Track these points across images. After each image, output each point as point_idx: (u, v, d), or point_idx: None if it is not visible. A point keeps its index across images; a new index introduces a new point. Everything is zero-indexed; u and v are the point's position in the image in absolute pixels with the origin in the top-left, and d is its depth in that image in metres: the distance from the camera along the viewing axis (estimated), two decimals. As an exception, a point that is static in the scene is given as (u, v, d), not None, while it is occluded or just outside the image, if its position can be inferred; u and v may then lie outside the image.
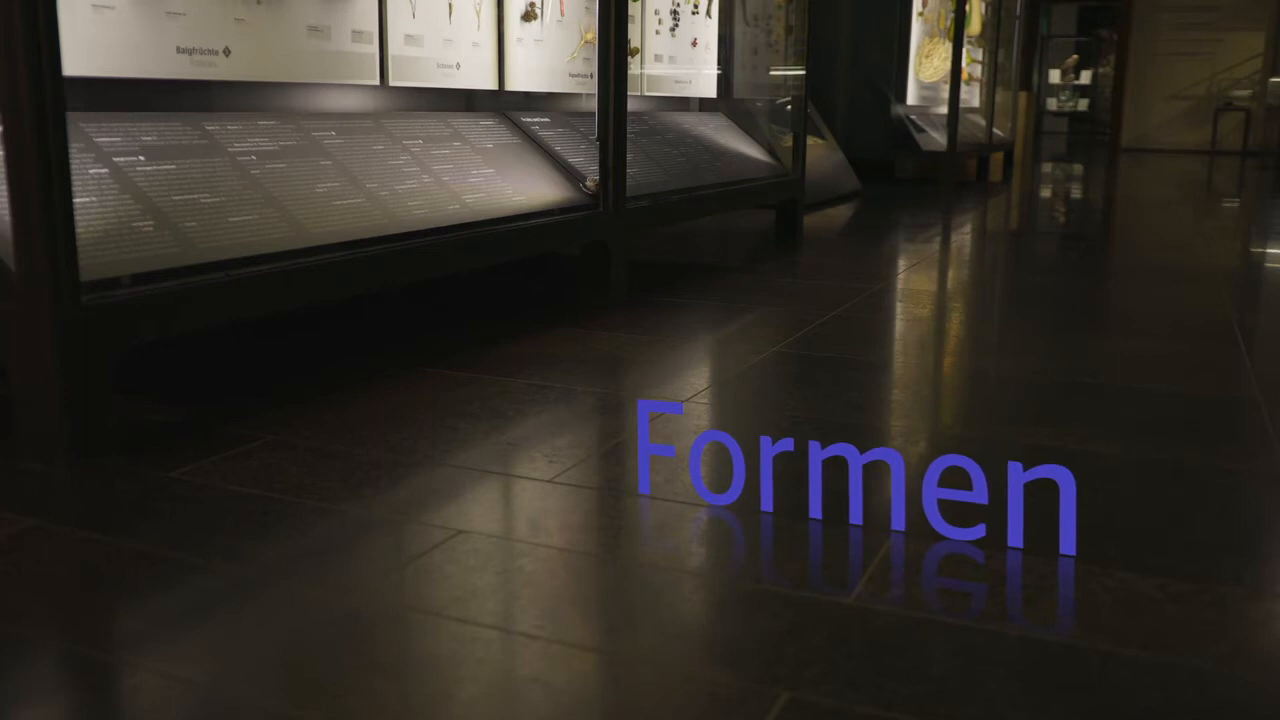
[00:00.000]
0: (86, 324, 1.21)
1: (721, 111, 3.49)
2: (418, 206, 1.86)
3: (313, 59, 1.87)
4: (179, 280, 1.38)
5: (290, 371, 1.67)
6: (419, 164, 1.98)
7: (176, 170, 1.54)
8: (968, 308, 2.35)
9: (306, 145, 1.80)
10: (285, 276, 1.51)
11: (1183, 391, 1.64)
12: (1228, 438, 1.41)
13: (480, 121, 2.30)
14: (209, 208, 1.52)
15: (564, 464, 1.27)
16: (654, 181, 2.64)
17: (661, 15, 3.05)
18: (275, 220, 1.59)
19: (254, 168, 1.66)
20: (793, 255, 3.11)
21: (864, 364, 1.78)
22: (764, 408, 1.53)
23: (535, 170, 2.27)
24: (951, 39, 5.80)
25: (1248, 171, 9.03)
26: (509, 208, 2.07)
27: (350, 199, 1.75)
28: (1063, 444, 1.37)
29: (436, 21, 2.16)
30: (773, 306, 2.33)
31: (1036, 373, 1.74)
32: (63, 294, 1.19)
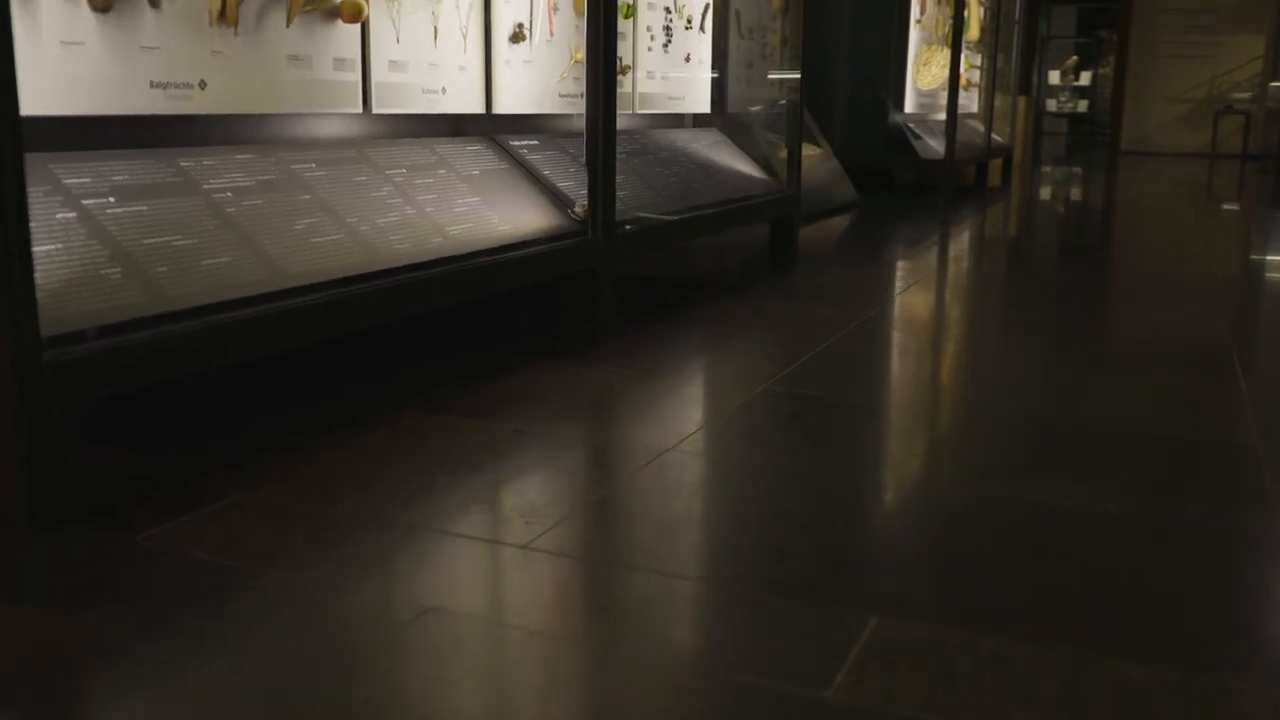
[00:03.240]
0: (48, 381, 1.17)
1: (716, 126, 3.45)
2: (399, 241, 1.82)
3: (293, 89, 1.83)
4: (147, 331, 1.34)
5: (263, 413, 1.63)
6: (402, 195, 1.94)
7: (148, 211, 1.50)
8: (962, 338, 2.31)
9: (285, 179, 1.76)
10: (258, 323, 1.47)
11: (1182, 437, 1.60)
12: (1224, 491, 1.37)
13: (467, 147, 2.25)
14: (181, 251, 1.48)
15: (542, 525, 1.23)
16: (645, 204, 2.60)
17: (654, 31, 3.00)
18: (250, 262, 1.55)
19: (230, 205, 1.62)
20: (787, 274, 3.07)
21: (855, 406, 1.74)
22: (749, 462, 1.49)
23: (522, 197, 2.23)
24: (950, 45, 5.76)
25: (1248, 175, 8.99)
26: (494, 238, 2.03)
27: (329, 235, 1.71)
28: (1057, 501, 1.33)
29: (421, 46, 2.11)
30: (764, 336, 2.30)
31: (1032, 417, 1.70)
32: (22, 351, 1.15)
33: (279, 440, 1.51)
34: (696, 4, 3.23)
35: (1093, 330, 2.40)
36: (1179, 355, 2.15)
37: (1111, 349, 2.21)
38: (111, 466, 1.42)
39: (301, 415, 1.61)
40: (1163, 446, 1.56)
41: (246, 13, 1.72)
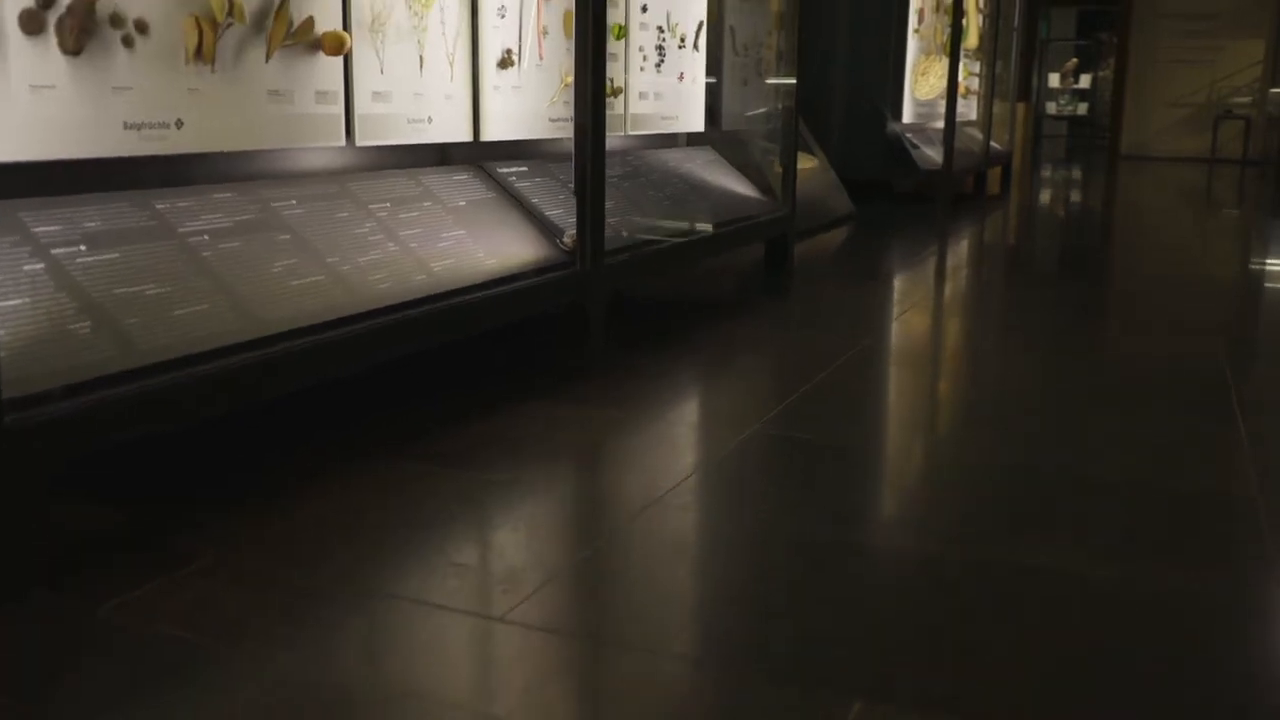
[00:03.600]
0: (10, 446, 1.13)
1: (710, 144, 3.41)
2: (381, 280, 1.78)
3: (273, 124, 1.80)
4: (117, 388, 1.30)
5: (236, 465, 1.60)
6: (385, 230, 1.90)
7: (120, 259, 1.46)
8: (957, 370, 2.28)
9: (264, 218, 1.72)
10: (232, 375, 1.43)
11: (1179, 488, 1.56)
12: (1221, 555, 1.34)
13: (453, 176, 2.22)
14: (154, 301, 1.44)
15: (521, 592, 1.20)
16: (638, 229, 2.56)
17: (646, 51, 2.96)
18: (225, 309, 1.51)
19: (206, 249, 1.58)
20: (781, 296, 3.04)
21: (846, 451, 1.70)
22: (736, 518, 1.45)
23: (510, 227, 2.19)
24: (948, 54, 5.72)
25: (1248, 181, 8.96)
26: (480, 273, 1.99)
27: (309, 277, 1.67)
28: (1050, 564, 1.29)
29: (406, 76, 2.08)
30: (755, 369, 2.26)
31: (1028, 464, 1.66)
32: (-17, 417, 1.11)
33: (252, 494, 1.47)
34: (690, 22, 3.19)
35: (1090, 359, 2.37)
36: (1178, 386, 2.11)
37: (1109, 381, 2.17)
38: (77, 522, 1.39)
39: (276, 466, 1.58)
40: (1160, 499, 1.52)
41: (224, 49, 1.69)
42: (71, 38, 1.46)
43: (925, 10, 5.90)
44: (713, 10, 3.31)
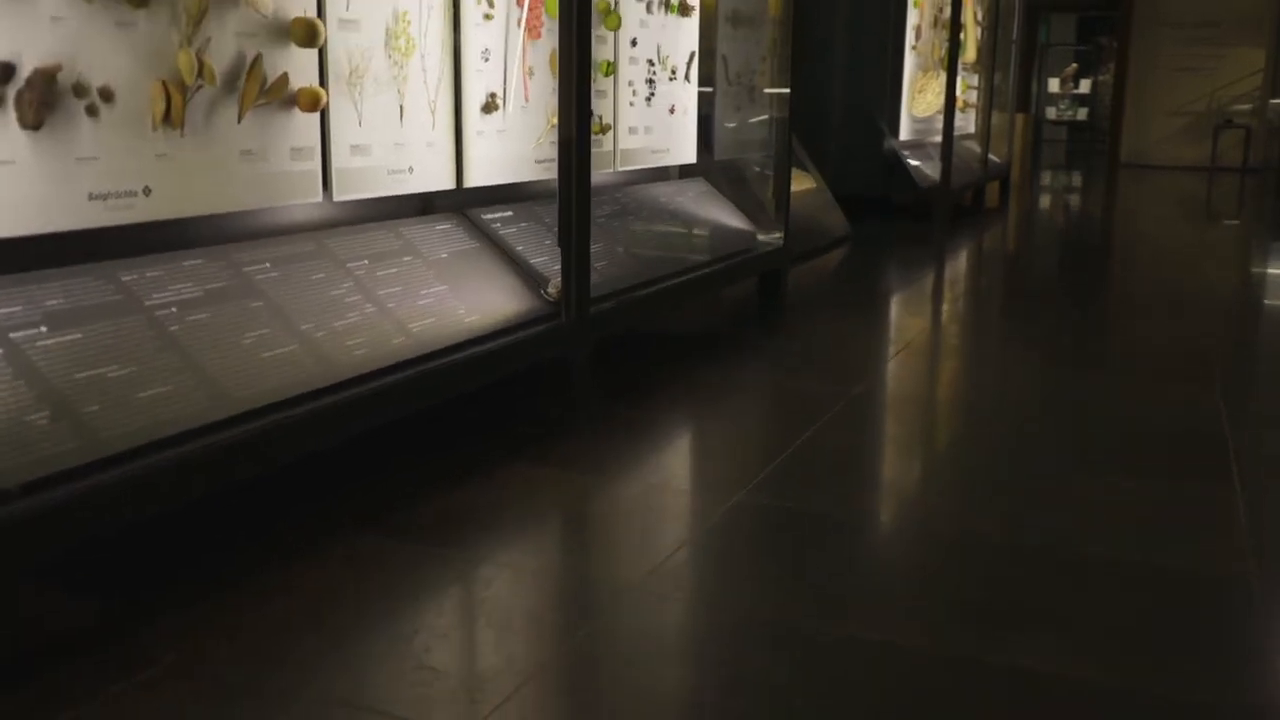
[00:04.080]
0: (-42, 557, 1.09)
1: (702, 176, 3.37)
2: (357, 346, 1.74)
3: (246, 184, 1.75)
4: (79, 482, 1.26)
5: (206, 547, 1.55)
6: (362, 291, 1.86)
7: (83, 339, 1.42)
8: (948, 423, 2.23)
9: (236, 285, 1.68)
10: (198, 459, 1.39)
11: (1172, 567, 1.52)
12: (1215, 648, 1.29)
13: (436, 226, 2.17)
14: (117, 383, 1.40)
15: (492, 699, 1.16)
16: (624, 273, 2.52)
17: (636, 86, 2.92)
18: (191, 389, 1.47)
19: (173, 322, 1.54)
20: (773, 332, 2.99)
21: (834, 523, 1.66)
22: (716, 608, 1.41)
23: (493, 279, 2.15)
24: (946, 69, 5.67)
25: (1248, 191, 8.91)
26: (461, 332, 1.95)
27: (281, 347, 1.63)
28: (1030, 664, 1.24)
29: (386, 126, 2.03)
30: (743, 422, 2.22)
31: (1016, 540, 1.62)
32: (-70, 528, 1.07)
33: (220, 581, 1.43)
34: (681, 54, 3.14)
35: (1086, 408, 2.32)
36: (1175, 443, 2.07)
37: (1104, 439, 2.13)
38: (40, 616, 1.35)
39: (247, 547, 1.53)
40: (1150, 581, 1.48)
41: (194, 112, 1.64)
42: (31, 112, 1.41)
43: (923, 26, 5.85)
44: (705, 40, 3.27)
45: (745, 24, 3.55)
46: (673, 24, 3.07)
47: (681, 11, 3.10)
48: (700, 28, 3.21)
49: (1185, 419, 2.24)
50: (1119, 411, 2.30)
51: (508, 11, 2.34)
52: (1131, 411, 2.30)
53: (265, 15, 1.73)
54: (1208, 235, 6.25)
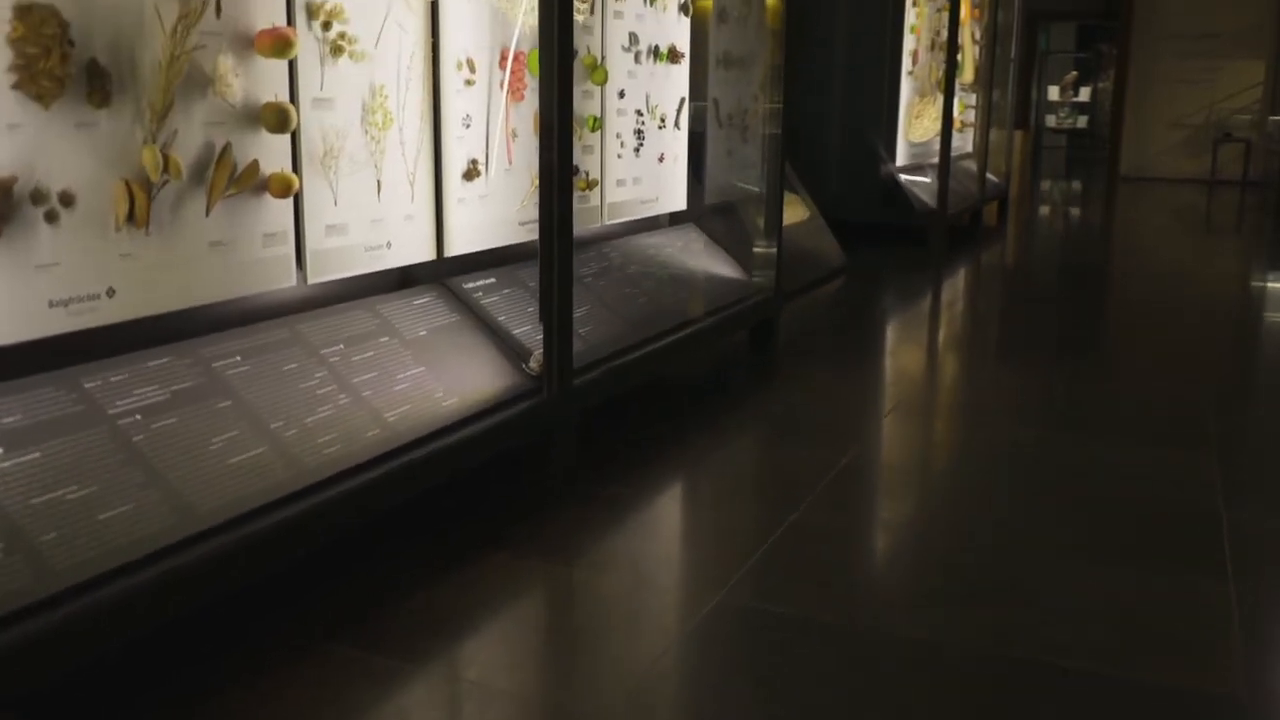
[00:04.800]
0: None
1: (693, 222, 3.32)
2: (330, 443, 1.70)
3: (216, 276, 1.71)
4: (30, 622, 1.22)
5: (176, 658, 1.50)
6: (336, 379, 1.82)
7: (41, 459, 1.38)
8: (938, 503, 2.18)
9: (204, 384, 1.63)
10: (160, 583, 1.35)
11: (1156, 684, 1.47)
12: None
13: (414, 300, 2.13)
14: (75, 505, 1.36)
15: None
16: (610, 337, 2.48)
17: (624, 138, 2.87)
18: (155, 506, 1.43)
19: (137, 432, 1.50)
20: (763, 389, 2.94)
21: (819, 628, 1.61)
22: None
23: (472, 355, 2.11)
24: (944, 90, 5.61)
25: (1248, 206, 8.86)
26: (439, 418, 1.90)
27: (250, 451, 1.59)
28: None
29: (362, 203, 1.99)
30: (727, 499, 2.17)
31: (1000, 645, 1.57)
32: None
33: (183, 703, 1.39)
34: (671, 101, 3.10)
35: (1076, 487, 2.28)
36: (1170, 524, 2.03)
37: (1096, 521, 2.08)
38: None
39: (211, 660, 1.49)
40: (1132, 700, 1.43)
41: (159, 208, 1.60)
42: (-14, 226, 1.37)
43: (920, 51, 5.81)
44: (695, 85, 3.23)
45: (737, 65, 3.51)
46: (661, 72, 3.02)
47: (671, 59, 3.06)
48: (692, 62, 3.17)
49: (1181, 492, 2.19)
50: (1113, 485, 2.25)
51: (490, 75, 2.30)
52: (1126, 485, 2.25)
53: (234, 105, 1.69)
54: (1209, 256, 6.20)
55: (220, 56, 1.66)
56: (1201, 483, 2.23)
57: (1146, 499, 2.16)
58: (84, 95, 1.47)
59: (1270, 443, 2.57)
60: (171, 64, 1.57)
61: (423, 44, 2.10)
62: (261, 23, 1.73)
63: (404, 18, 2.04)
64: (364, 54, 1.94)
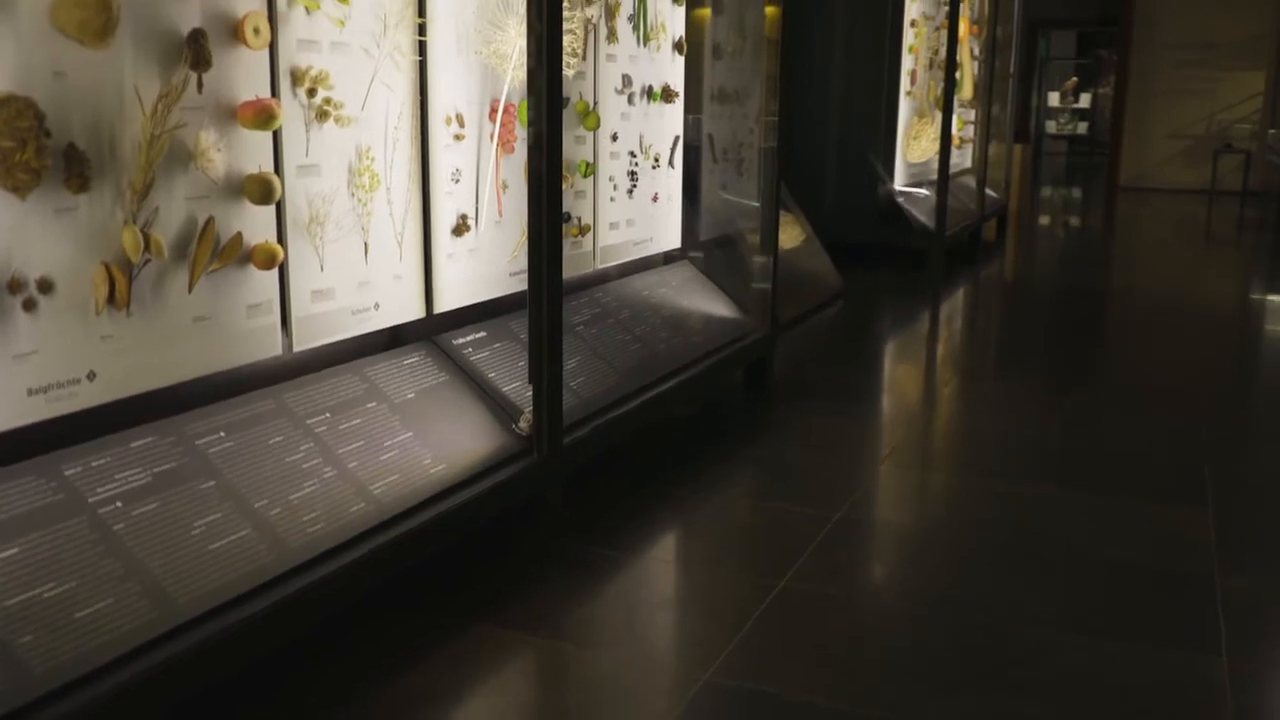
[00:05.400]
0: None
1: (688, 259, 3.30)
2: (314, 521, 1.68)
3: (200, 351, 1.69)
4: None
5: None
6: (322, 452, 1.80)
7: (19, 555, 1.36)
8: (930, 569, 2.16)
9: (187, 463, 1.62)
10: (139, 682, 1.33)
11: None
12: None
13: (403, 360, 2.11)
14: (53, 604, 1.34)
15: None
16: (602, 390, 2.46)
17: (617, 180, 2.85)
18: (135, 599, 1.41)
19: (118, 520, 1.48)
20: (757, 435, 2.91)
21: (800, 708, 1.59)
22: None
23: (462, 417, 2.09)
24: (942, 108, 5.59)
25: (1250, 220, 8.84)
26: (426, 486, 1.88)
27: (233, 533, 1.57)
28: None
29: (349, 266, 1.97)
30: (718, 562, 2.15)
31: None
32: None
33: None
34: (665, 140, 3.08)
35: (1068, 551, 2.25)
36: (1160, 592, 2.01)
37: (1088, 589, 2.06)
38: None
39: (193, 759, 1.48)
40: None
41: (140, 288, 1.58)
42: (-38, 320, 1.35)
43: (918, 70, 5.78)
44: (689, 124, 3.21)
45: (732, 99, 3.49)
46: (655, 112, 3.00)
47: (665, 98, 3.04)
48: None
49: (1174, 555, 2.17)
50: (1106, 546, 2.23)
51: (480, 128, 2.27)
52: (1119, 546, 2.23)
53: (216, 180, 1.67)
54: (1211, 277, 6.18)
55: (202, 132, 1.64)
56: (1196, 543, 2.21)
57: (1140, 564, 2.13)
58: (62, 181, 1.45)
59: (1269, 494, 2.55)
60: (152, 144, 1.56)
61: (410, 101, 2.08)
62: (245, 94, 1.71)
63: (391, 77, 2.02)
64: (350, 118, 1.92)
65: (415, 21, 2.05)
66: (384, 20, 1.98)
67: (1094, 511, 2.38)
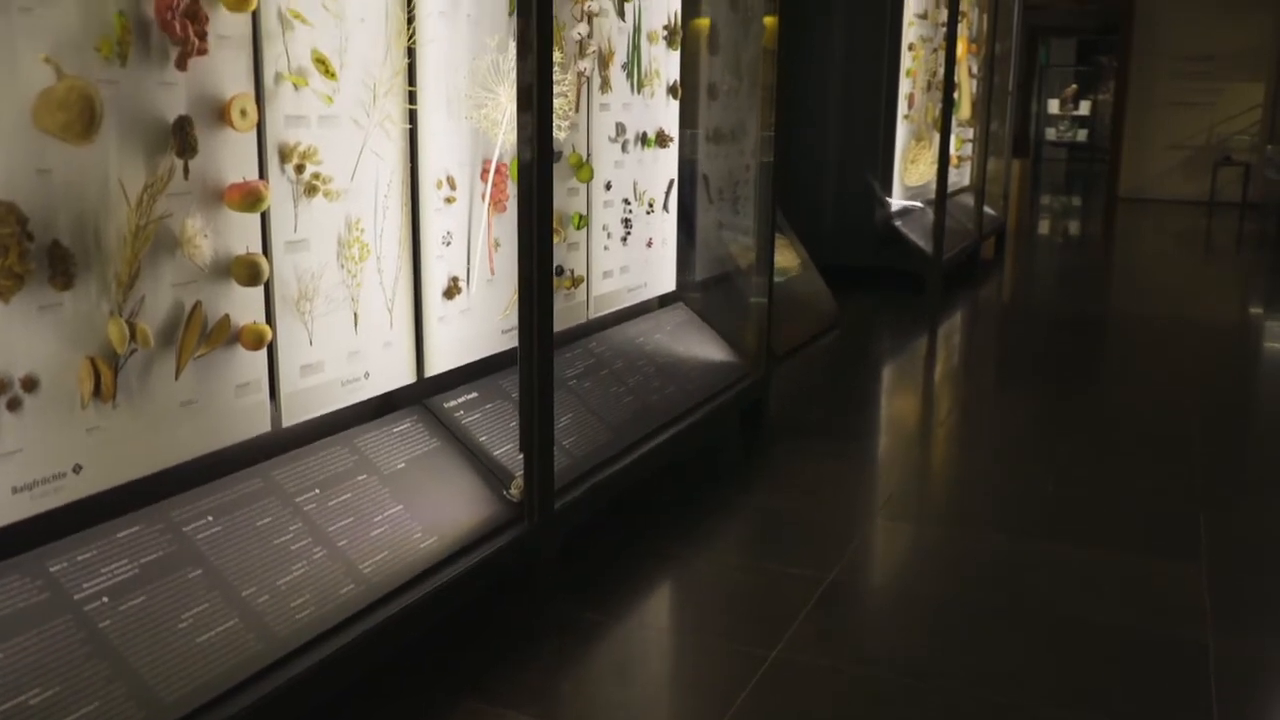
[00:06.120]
0: None
1: (683, 301, 3.30)
2: (303, 606, 1.67)
3: (187, 435, 1.68)
4: None
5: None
6: (311, 531, 1.79)
7: (3, 660, 1.35)
8: (921, 643, 2.15)
9: (174, 552, 1.61)
10: (122, 792, 1.33)
11: None
12: None
13: (394, 428, 2.11)
14: (38, 712, 1.33)
15: None
16: (594, 447, 2.45)
17: (610, 228, 2.85)
18: (121, 701, 1.40)
19: (104, 616, 1.47)
20: (751, 483, 2.90)
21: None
22: None
23: (453, 485, 2.08)
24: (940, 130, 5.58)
25: (1248, 233, 8.83)
26: (417, 562, 1.88)
27: (220, 625, 1.57)
28: None
29: (339, 337, 1.96)
30: (709, 628, 2.14)
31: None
32: None
33: None
34: (659, 185, 3.07)
35: (1059, 624, 2.25)
36: (1151, 659, 2.00)
37: (1079, 673, 2.05)
38: None
39: None
40: None
41: (127, 378, 1.57)
42: (-54, 427, 1.35)
43: (915, 94, 5.77)
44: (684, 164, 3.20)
45: (727, 139, 3.48)
46: (649, 158, 3.00)
47: (659, 144, 3.03)
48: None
49: (1167, 617, 2.17)
50: (1096, 608, 2.22)
51: (471, 189, 2.27)
52: (1110, 608, 2.23)
53: (203, 266, 1.66)
54: (1213, 296, 6.17)
55: (188, 219, 1.63)
56: (1189, 604, 2.21)
57: (1131, 628, 2.12)
58: (46, 279, 1.44)
59: (1264, 550, 2.54)
60: (137, 235, 1.55)
61: (401, 168, 2.07)
62: (232, 175, 1.70)
63: (381, 146, 2.01)
64: (339, 192, 1.91)
65: (406, 90, 2.05)
66: (374, 90, 1.97)
67: (1087, 570, 2.38)
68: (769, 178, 3.25)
